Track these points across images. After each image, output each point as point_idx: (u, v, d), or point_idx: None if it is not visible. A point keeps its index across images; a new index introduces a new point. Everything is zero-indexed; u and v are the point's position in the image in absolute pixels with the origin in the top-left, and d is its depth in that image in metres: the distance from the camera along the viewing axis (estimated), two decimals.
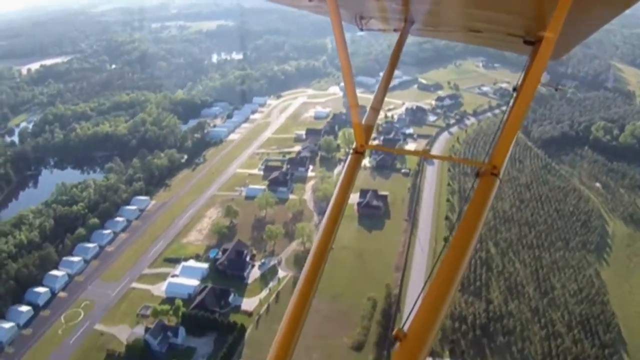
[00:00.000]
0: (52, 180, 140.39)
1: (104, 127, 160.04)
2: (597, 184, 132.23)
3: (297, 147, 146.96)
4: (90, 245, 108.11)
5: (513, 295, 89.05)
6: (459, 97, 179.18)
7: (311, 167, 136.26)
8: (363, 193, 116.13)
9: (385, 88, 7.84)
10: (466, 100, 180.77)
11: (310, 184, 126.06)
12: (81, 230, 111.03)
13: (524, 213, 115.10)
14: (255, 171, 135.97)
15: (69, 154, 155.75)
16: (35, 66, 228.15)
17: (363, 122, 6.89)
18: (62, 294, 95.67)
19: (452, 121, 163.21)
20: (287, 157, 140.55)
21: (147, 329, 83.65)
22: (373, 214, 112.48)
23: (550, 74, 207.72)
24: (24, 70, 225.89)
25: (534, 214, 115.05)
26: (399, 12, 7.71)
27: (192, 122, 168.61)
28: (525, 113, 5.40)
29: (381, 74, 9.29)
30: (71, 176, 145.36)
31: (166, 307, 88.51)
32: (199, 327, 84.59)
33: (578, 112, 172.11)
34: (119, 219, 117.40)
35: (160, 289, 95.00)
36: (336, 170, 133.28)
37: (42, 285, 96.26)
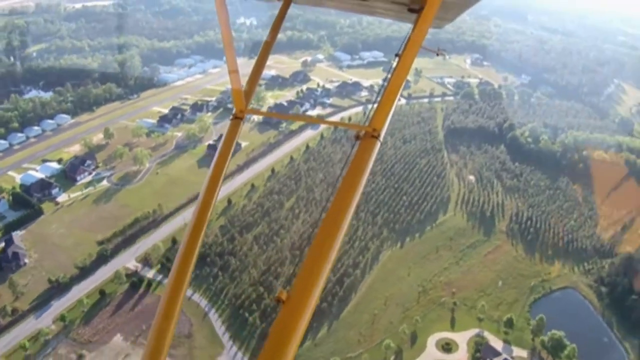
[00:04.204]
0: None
1: (84, 61, 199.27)
2: (471, 177, 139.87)
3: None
4: (2, 141, 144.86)
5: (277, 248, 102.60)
6: (409, 82, 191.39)
7: (209, 114, 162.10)
8: (221, 137, 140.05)
9: (265, 56, 8.03)
10: (418, 87, 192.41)
11: (192, 126, 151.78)
12: (0, 130, 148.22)
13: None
14: (165, 110, 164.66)
15: (52, 79, 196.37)
16: (79, 5, 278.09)
17: (243, 88, 7.05)
18: None
19: (379, 99, 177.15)
20: (199, 103, 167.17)
21: None
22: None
23: (532, 78, 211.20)
24: (70, 7, 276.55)
25: (373, 189, 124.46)
26: None
27: (161, 67, 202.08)
28: (405, 78, 5.88)
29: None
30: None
31: (8, 187, 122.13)
32: (18, 204, 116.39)
33: (524, 112, 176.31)
34: (35, 127, 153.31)
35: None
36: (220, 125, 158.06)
37: None
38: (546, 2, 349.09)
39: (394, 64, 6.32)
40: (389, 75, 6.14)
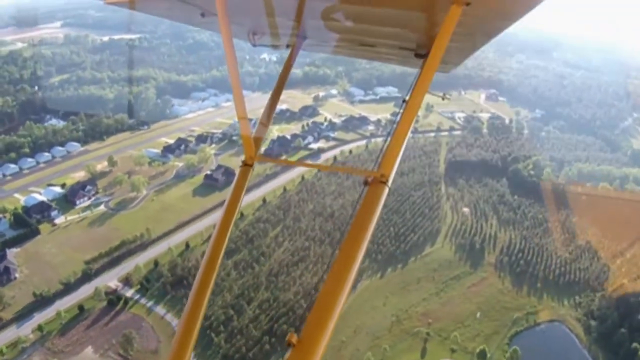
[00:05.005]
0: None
1: (101, 92, 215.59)
2: (466, 209, 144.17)
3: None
4: (12, 165, 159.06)
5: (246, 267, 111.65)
6: (417, 117, 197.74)
7: (213, 145, 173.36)
8: (219, 167, 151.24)
9: (274, 102, 8.50)
10: (426, 121, 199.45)
11: (194, 156, 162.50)
12: (12, 155, 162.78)
13: (348, 212, 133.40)
14: (171, 141, 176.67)
15: (71, 108, 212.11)
16: (106, 38, 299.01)
17: (252, 135, 7.37)
18: None
19: (384, 133, 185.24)
20: (205, 135, 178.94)
21: None
22: (212, 184, 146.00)
23: (546, 113, 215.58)
24: (98, 40, 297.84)
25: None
26: (290, 28, 8.30)
27: (175, 100, 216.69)
28: (412, 123, 6.22)
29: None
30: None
31: (11, 207, 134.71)
32: (18, 224, 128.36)
33: (531, 146, 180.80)
34: (46, 154, 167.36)
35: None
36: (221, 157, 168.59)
37: None
38: (573, 38, 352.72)
39: (401, 110, 6.52)
40: (397, 121, 6.37)
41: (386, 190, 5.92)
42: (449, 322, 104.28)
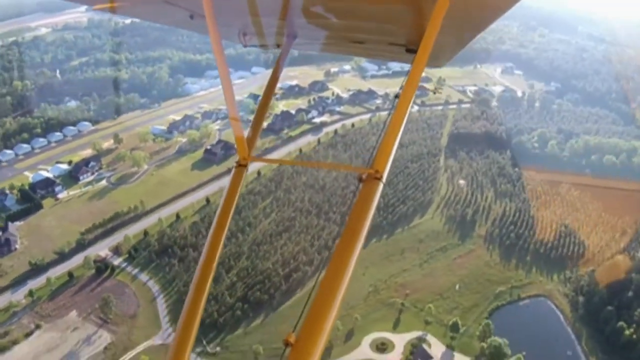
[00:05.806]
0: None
1: (118, 73, 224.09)
2: (462, 181, 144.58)
3: None
4: (25, 145, 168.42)
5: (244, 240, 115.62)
6: (426, 90, 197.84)
7: (218, 121, 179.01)
8: (218, 142, 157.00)
9: (267, 102, 8.59)
10: (435, 95, 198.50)
11: (197, 132, 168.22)
12: (25, 135, 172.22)
13: (339, 184, 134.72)
14: (179, 118, 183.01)
15: (89, 90, 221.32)
16: (128, 21, 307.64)
17: (246, 135, 7.41)
18: None
19: (390, 107, 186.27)
20: (211, 111, 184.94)
21: None
22: (211, 159, 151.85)
23: (562, 86, 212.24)
24: (120, 23, 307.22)
25: (343, 189, 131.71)
26: (280, 28, 8.41)
27: (189, 79, 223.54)
28: (405, 119, 6.15)
29: None
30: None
31: (18, 183, 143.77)
32: (24, 200, 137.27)
33: (540, 118, 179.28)
34: (57, 133, 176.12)
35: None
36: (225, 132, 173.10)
37: None
38: (600, 14, 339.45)
39: (394, 105, 6.37)
40: (390, 117, 6.30)
41: (381, 187, 5.87)
42: (427, 293, 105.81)
